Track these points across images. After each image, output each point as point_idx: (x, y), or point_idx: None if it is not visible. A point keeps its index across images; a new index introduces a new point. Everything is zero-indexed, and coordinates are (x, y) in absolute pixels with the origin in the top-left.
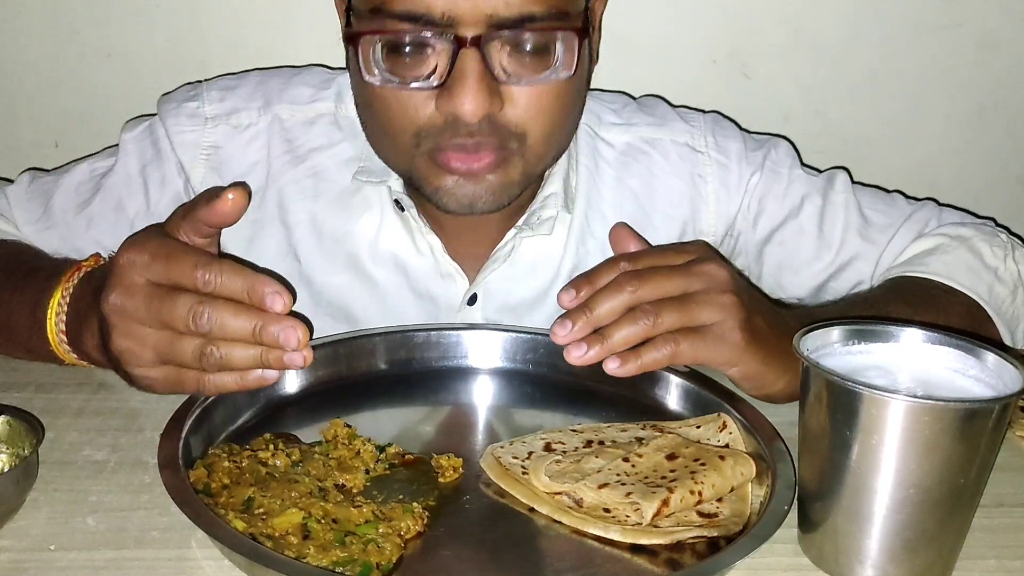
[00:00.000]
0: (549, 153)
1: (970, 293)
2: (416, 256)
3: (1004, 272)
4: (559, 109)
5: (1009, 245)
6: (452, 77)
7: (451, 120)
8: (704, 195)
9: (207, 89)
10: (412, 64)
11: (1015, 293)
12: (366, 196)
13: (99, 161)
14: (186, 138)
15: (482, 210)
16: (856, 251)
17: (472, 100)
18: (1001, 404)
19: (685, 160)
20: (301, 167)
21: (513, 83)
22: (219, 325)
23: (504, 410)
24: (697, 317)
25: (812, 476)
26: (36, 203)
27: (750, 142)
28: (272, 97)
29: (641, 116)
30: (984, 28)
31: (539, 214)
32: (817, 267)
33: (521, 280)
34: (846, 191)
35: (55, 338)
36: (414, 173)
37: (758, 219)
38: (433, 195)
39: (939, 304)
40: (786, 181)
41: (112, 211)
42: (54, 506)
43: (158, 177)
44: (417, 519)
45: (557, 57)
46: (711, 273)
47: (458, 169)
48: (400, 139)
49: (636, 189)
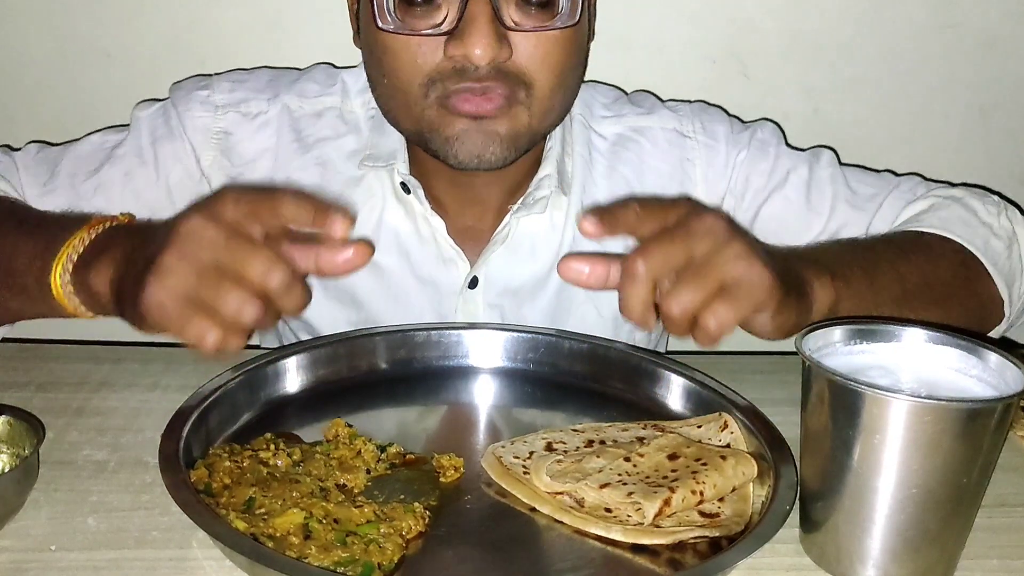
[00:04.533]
0: (554, 107)
1: (966, 244)
2: (418, 242)
3: (999, 228)
4: (563, 60)
5: (1002, 204)
6: (462, 23)
7: (460, 66)
8: (693, 178)
9: (217, 80)
10: (423, 12)
11: (1011, 248)
12: (369, 185)
13: (110, 135)
14: (197, 123)
15: (490, 162)
16: (845, 219)
17: (482, 43)
18: (1003, 404)
19: (674, 145)
20: (308, 155)
21: (521, 30)
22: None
23: (505, 410)
24: (724, 277)
25: (814, 476)
26: (43, 168)
27: (736, 125)
28: (281, 89)
29: (630, 108)
30: (984, 28)
31: (534, 194)
32: (807, 237)
33: (521, 264)
34: (832, 166)
35: (60, 268)
36: (424, 125)
37: (745, 195)
38: (443, 147)
39: (931, 250)
40: (772, 157)
41: (121, 179)
42: (54, 506)
43: (169, 151)
44: (418, 519)
45: (561, 6)
46: (709, 226)
47: (468, 111)
48: (410, 89)
49: (627, 176)
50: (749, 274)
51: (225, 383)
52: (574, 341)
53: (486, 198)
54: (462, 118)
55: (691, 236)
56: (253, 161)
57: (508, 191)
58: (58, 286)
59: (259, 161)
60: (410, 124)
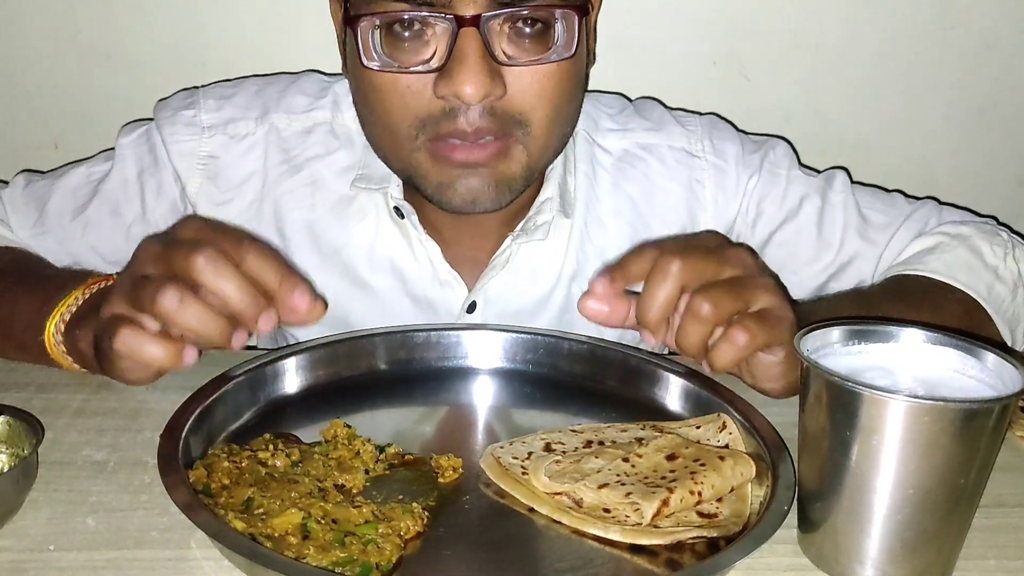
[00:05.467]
0: (551, 144)
1: (969, 291)
2: (414, 264)
3: (1004, 271)
4: (560, 94)
5: (1010, 244)
6: (452, 59)
7: (450, 107)
8: (702, 200)
9: (204, 97)
10: (411, 48)
11: (1015, 292)
12: (362, 205)
13: (95, 166)
14: (183, 147)
15: (484, 207)
16: (856, 251)
17: (473, 80)
18: (1001, 404)
19: (682, 165)
20: (298, 177)
21: (514, 65)
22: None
23: (504, 410)
24: (751, 302)
25: (812, 476)
26: (31, 207)
27: (748, 144)
28: (269, 106)
29: (638, 121)
30: (984, 28)
31: (535, 220)
32: (817, 267)
33: (521, 287)
34: (845, 191)
35: (52, 328)
36: (414, 170)
37: (757, 221)
38: (434, 193)
39: (936, 302)
40: (784, 183)
41: (108, 216)
42: (54, 506)
43: (154, 184)
44: (417, 519)
45: (557, 38)
46: (741, 258)
47: (458, 160)
48: (399, 130)
49: (634, 195)
50: (776, 309)
51: (224, 383)
52: (573, 342)
53: (484, 224)
54: (453, 166)
55: (724, 260)
56: (240, 185)
57: (508, 217)
58: (52, 346)
59: (246, 185)
60: (400, 166)
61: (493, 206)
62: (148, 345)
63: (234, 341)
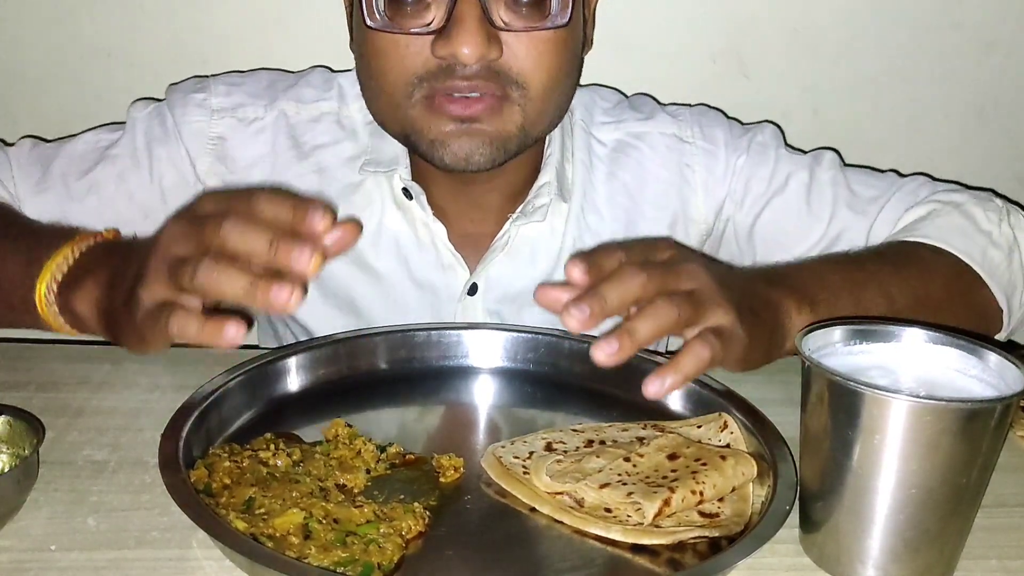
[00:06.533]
0: (546, 110)
1: (962, 256)
2: (417, 248)
3: (999, 236)
4: (557, 61)
5: (1004, 210)
6: (451, 22)
7: (447, 65)
8: (692, 184)
9: (214, 83)
10: (413, 12)
11: (1011, 257)
12: (368, 191)
13: (104, 133)
14: (193, 127)
15: (479, 165)
16: (846, 224)
17: (470, 42)
18: (1003, 404)
19: (673, 151)
20: (305, 163)
21: (510, 30)
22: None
23: (505, 410)
24: (709, 317)
25: (813, 476)
26: (36, 166)
27: (736, 128)
28: (278, 94)
29: (630, 113)
30: (984, 28)
31: (533, 202)
32: (808, 242)
33: (521, 270)
34: (833, 168)
35: (43, 288)
36: (410, 127)
37: (745, 200)
38: (429, 149)
39: (925, 265)
40: (772, 161)
41: (114, 180)
42: (54, 506)
43: (164, 153)
44: (418, 519)
45: (553, 7)
46: (694, 273)
47: (453, 113)
48: (396, 88)
49: (627, 182)
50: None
51: (225, 383)
52: (574, 341)
53: (487, 204)
54: (448, 120)
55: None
56: (249, 167)
57: (509, 197)
58: (43, 306)
59: (255, 168)
60: (396, 126)
61: (487, 164)
62: (203, 328)
63: (283, 294)
